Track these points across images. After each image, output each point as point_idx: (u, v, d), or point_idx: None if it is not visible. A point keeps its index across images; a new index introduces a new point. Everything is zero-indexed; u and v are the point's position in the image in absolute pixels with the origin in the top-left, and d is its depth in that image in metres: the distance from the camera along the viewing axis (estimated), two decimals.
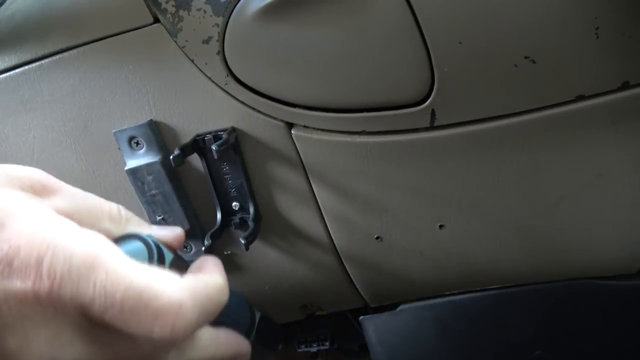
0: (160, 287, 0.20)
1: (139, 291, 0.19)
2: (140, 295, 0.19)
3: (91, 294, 0.19)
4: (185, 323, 0.20)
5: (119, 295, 0.19)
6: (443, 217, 0.38)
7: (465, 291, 0.43)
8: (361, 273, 0.43)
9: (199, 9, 0.33)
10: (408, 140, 0.35)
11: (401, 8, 0.30)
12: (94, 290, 0.19)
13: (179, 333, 0.20)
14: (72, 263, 0.19)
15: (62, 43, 0.36)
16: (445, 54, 0.31)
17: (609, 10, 0.29)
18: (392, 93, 0.33)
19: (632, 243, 0.38)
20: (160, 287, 0.20)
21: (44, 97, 0.37)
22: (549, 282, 0.41)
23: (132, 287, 0.19)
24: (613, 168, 0.34)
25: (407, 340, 0.46)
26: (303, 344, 0.60)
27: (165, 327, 0.19)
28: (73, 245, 0.19)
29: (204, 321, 0.22)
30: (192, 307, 0.20)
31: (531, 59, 0.30)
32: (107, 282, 0.19)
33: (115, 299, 0.19)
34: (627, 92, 0.31)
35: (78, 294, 0.19)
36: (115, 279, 0.19)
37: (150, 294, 0.19)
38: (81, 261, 0.19)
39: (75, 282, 0.19)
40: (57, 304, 0.19)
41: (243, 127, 0.36)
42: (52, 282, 0.18)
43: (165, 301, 0.20)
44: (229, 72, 0.34)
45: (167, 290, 0.20)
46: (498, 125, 0.33)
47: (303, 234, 0.41)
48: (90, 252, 0.19)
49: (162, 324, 0.19)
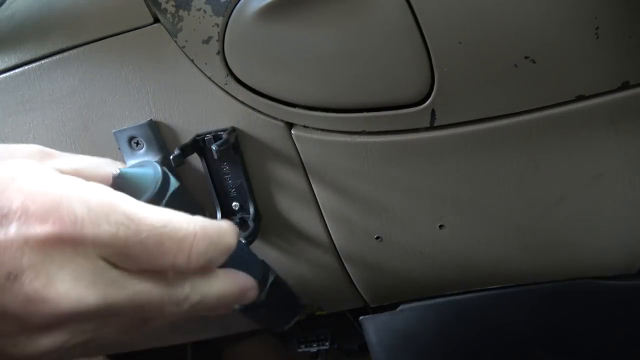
0: (177, 220, 0.22)
1: (160, 225, 0.21)
2: (162, 230, 0.21)
3: (114, 232, 0.20)
4: (200, 251, 0.23)
5: (143, 231, 0.21)
6: (443, 217, 0.38)
7: (465, 291, 0.43)
8: (361, 273, 0.43)
9: (199, 9, 0.33)
10: (408, 140, 0.35)
11: (401, 8, 0.30)
12: (117, 229, 0.20)
13: (195, 261, 0.22)
14: (90, 207, 0.20)
15: (62, 43, 0.36)
16: (445, 54, 0.31)
17: (609, 10, 0.29)
18: (392, 93, 0.33)
19: (632, 243, 0.38)
20: (177, 220, 0.22)
21: (44, 97, 0.37)
22: (549, 282, 0.41)
23: (153, 223, 0.21)
24: (613, 168, 0.34)
25: (407, 340, 0.46)
26: (303, 344, 0.60)
27: (183, 255, 0.22)
28: (86, 194, 0.20)
29: (214, 255, 0.24)
30: (203, 238, 0.23)
31: (531, 59, 0.30)
32: (128, 221, 0.21)
33: (140, 235, 0.21)
34: (627, 92, 0.31)
35: (100, 234, 0.20)
36: (136, 217, 0.21)
37: (171, 227, 0.22)
38: (98, 205, 0.20)
39: (95, 223, 0.20)
40: (78, 244, 0.20)
41: (243, 127, 0.36)
42: (73, 223, 0.19)
43: (183, 232, 0.22)
44: (229, 72, 0.34)
45: (183, 223, 0.22)
46: (498, 125, 0.33)
47: (303, 234, 0.41)
48: (104, 198, 0.21)
49: (182, 253, 0.22)
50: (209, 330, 0.51)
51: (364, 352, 0.61)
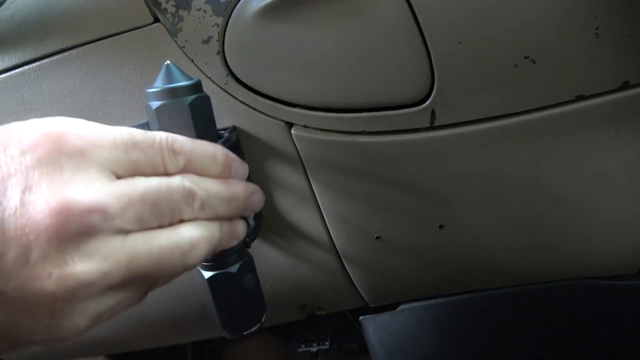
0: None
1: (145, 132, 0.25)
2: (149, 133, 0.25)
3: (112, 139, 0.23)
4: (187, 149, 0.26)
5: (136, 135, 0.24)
6: (443, 217, 0.38)
7: (465, 291, 0.43)
8: (361, 273, 0.43)
9: (199, 9, 0.33)
10: (408, 140, 0.35)
11: (401, 8, 0.30)
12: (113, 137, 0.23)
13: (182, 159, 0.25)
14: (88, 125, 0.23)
15: (62, 43, 0.36)
16: (445, 54, 0.31)
17: (609, 10, 0.29)
18: (392, 93, 0.33)
19: (632, 243, 0.38)
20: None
21: (45, 97, 0.37)
22: (549, 282, 0.41)
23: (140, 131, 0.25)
24: (613, 168, 0.34)
25: (407, 340, 0.46)
26: (303, 343, 0.60)
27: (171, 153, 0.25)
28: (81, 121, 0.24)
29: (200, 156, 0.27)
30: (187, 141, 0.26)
31: (531, 59, 0.30)
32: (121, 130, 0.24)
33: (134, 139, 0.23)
34: (627, 92, 0.31)
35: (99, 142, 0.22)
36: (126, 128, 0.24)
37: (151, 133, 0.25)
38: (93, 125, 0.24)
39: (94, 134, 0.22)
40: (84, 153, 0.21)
41: (243, 126, 0.36)
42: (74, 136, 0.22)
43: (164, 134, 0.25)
44: (229, 72, 0.34)
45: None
46: (498, 125, 0.33)
47: (303, 234, 0.41)
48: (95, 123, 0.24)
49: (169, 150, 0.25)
50: (209, 330, 0.51)
51: (364, 352, 0.61)
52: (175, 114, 0.28)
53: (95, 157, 0.21)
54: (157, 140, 0.24)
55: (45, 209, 0.19)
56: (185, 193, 0.24)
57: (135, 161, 0.23)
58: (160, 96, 0.28)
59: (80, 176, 0.20)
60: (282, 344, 0.70)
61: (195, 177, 0.25)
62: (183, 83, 0.28)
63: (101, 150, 0.21)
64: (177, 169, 0.24)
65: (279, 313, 0.48)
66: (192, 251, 0.24)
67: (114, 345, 0.52)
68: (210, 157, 0.26)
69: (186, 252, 0.23)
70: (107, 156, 0.22)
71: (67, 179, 0.20)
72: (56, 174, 0.20)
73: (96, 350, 0.55)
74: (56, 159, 0.20)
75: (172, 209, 0.23)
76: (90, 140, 0.21)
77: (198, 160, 0.25)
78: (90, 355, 0.55)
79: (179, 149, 0.25)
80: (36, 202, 0.19)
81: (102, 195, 0.20)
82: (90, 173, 0.21)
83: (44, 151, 0.20)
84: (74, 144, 0.21)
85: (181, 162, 0.24)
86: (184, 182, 0.24)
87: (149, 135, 0.24)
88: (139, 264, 0.21)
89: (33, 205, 0.19)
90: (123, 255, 0.21)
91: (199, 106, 0.29)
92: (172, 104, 0.28)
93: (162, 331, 0.50)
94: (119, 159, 0.22)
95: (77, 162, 0.20)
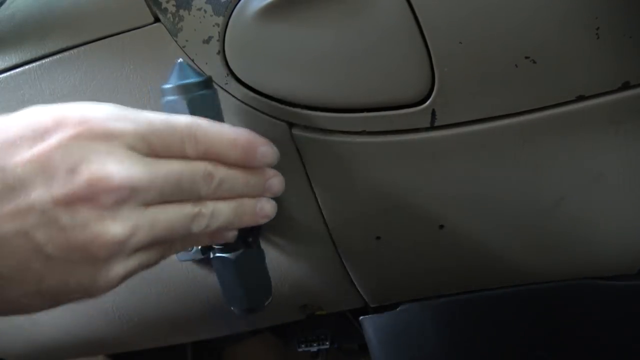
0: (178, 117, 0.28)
1: (165, 118, 0.27)
2: (168, 120, 0.27)
3: (134, 127, 0.25)
4: (205, 137, 0.28)
5: (156, 122, 0.26)
6: (443, 217, 0.38)
7: (465, 291, 0.43)
8: (361, 273, 0.43)
9: (199, 9, 0.33)
10: (408, 140, 0.35)
11: (401, 8, 0.30)
12: (136, 124, 0.25)
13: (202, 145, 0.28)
14: (111, 110, 0.26)
15: (62, 42, 0.36)
16: (445, 54, 0.31)
17: (610, 10, 0.29)
18: (393, 93, 0.33)
19: (633, 243, 0.38)
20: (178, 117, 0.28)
21: (45, 96, 0.37)
22: (549, 282, 0.41)
23: (159, 117, 0.27)
24: (613, 168, 0.34)
25: (407, 340, 0.46)
26: (303, 343, 0.60)
27: (191, 141, 0.27)
28: (104, 105, 0.26)
29: (217, 141, 0.29)
30: (205, 124, 0.28)
31: (532, 59, 0.30)
32: (142, 117, 0.26)
33: (154, 125, 0.26)
34: (628, 92, 0.31)
35: (124, 127, 0.24)
36: (145, 114, 0.26)
37: (174, 118, 0.27)
38: (117, 109, 0.26)
39: (118, 120, 0.25)
40: (109, 137, 0.24)
41: (243, 126, 0.36)
42: (100, 120, 0.24)
43: (185, 121, 0.27)
44: (229, 71, 0.34)
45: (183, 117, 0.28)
46: (498, 125, 0.33)
47: (303, 234, 0.41)
48: (121, 108, 0.27)
49: (190, 138, 0.27)
50: (209, 330, 0.51)
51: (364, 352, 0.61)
52: (178, 111, 0.30)
53: (122, 141, 0.24)
54: (177, 128, 0.27)
55: (86, 183, 0.23)
56: (204, 175, 0.27)
57: (158, 146, 0.26)
58: (167, 92, 0.31)
59: (113, 156, 0.24)
60: (282, 344, 0.70)
61: (214, 162, 0.28)
62: (188, 80, 0.31)
63: (126, 137, 0.24)
64: (197, 154, 0.27)
65: (279, 313, 0.48)
66: (202, 221, 0.28)
67: (114, 345, 0.52)
68: (230, 142, 0.29)
69: (199, 224, 0.27)
70: (132, 142, 0.25)
71: (103, 158, 0.23)
72: (92, 154, 0.23)
73: (96, 350, 0.55)
74: (91, 141, 0.23)
75: (190, 188, 0.27)
76: (116, 127, 0.24)
77: (218, 146, 0.28)
78: (90, 355, 0.56)
79: (201, 136, 0.27)
80: (79, 177, 0.23)
81: (131, 172, 0.24)
82: (121, 152, 0.24)
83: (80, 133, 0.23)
84: (105, 128, 0.24)
85: (201, 148, 0.27)
86: (203, 166, 0.27)
87: (170, 123, 0.26)
88: (158, 229, 0.26)
89: (78, 179, 0.23)
90: (146, 222, 0.25)
91: (201, 103, 0.31)
92: (176, 100, 0.30)
93: (162, 331, 0.50)
94: (143, 144, 0.25)
95: (109, 144, 0.24)
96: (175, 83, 0.31)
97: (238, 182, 0.29)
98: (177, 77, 0.31)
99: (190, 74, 0.31)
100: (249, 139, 0.30)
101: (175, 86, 0.31)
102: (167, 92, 0.31)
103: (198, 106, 0.31)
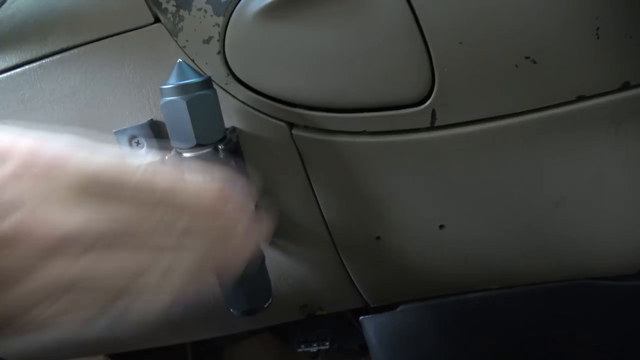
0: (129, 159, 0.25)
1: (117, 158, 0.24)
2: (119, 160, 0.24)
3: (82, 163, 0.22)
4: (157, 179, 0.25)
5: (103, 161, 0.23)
6: (443, 217, 0.38)
7: (465, 291, 0.43)
8: (361, 273, 0.43)
9: (199, 9, 0.33)
10: (408, 140, 0.35)
11: (402, 8, 0.30)
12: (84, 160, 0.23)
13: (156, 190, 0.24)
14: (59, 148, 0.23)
15: (62, 43, 0.36)
16: (445, 54, 0.31)
17: (610, 11, 0.29)
18: (393, 93, 0.33)
19: (633, 243, 0.38)
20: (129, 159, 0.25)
21: (45, 96, 0.37)
22: (549, 282, 0.41)
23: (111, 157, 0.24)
24: (613, 168, 0.34)
25: (407, 340, 0.46)
26: (303, 343, 0.60)
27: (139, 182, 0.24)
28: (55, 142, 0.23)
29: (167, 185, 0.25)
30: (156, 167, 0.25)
31: (532, 59, 0.30)
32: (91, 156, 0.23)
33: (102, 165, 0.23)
34: (628, 92, 0.31)
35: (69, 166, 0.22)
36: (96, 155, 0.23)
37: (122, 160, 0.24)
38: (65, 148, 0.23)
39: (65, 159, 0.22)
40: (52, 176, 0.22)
41: (244, 127, 0.36)
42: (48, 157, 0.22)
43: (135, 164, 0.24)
44: (230, 71, 0.34)
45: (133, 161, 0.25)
46: (498, 125, 0.33)
47: (303, 234, 0.41)
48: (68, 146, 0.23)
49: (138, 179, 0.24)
50: (209, 330, 0.51)
51: (364, 352, 0.61)
52: (177, 110, 0.31)
53: (66, 181, 0.22)
54: (132, 181, 0.23)
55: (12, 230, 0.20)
56: (160, 225, 0.24)
57: (107, 188, 0.23)
58: (167, 93, 0.31)
59: (50, 200, 0.21)
60: (282, 344, 0.70)
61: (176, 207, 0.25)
62: (188, 80, 0.31)
63: (72, 177, 0.22)
64: (156, 203, 0.24)
65: (279, 313, 0.48)
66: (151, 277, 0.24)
67: (114, 345, 0.52)
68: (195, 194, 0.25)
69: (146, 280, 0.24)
70: (78, 183, 0.22)
71: (38, 202, 0.21)
72: (28, 196, 0.21)
73: (96, 350, 0.55)
74: (31, 180, 0.21)
75: (144, 237, 0.24)
76: (62, 165, 0.22)
77: (180, 198, 0.25)
78: (90, 355, 0.55)
79: (158, 187, 0.24)
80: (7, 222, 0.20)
81: (68, 219, 0.22)
82: (61, 195, 0.22)
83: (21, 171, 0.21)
84: (50, 166, 0.22)
85: (159, 196, 0.24)
86: (158, 215, 0.24)
87: (126, 166, 0.24)
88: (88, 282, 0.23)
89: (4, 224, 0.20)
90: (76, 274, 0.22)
91: (201, 103, 0.31)
92: (174, 101, 0.31)
93: (162, 331, 0.50)
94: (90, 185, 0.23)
95: (50, 185, 0.22)
96: (174, 83, 0.31)
97: (205, 226, 0.26)
98: (176, 77, 0.31)
99: (190, 74, 0.31)
100: (214, 195, 0.26)
101: (174, 86, 0.31)
102: (166, 92, 0.31)
103: (197, 106, 0.31)
